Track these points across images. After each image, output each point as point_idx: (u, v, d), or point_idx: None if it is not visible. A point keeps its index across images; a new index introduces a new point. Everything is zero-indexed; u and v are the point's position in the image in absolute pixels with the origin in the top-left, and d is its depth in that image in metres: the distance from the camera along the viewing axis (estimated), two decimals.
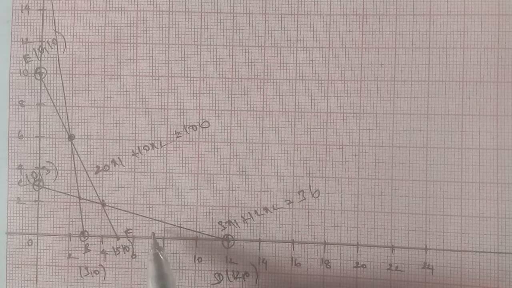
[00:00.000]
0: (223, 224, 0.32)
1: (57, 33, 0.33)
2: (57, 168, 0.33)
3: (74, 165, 0.33)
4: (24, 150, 0.33)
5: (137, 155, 0.33)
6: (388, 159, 0.32)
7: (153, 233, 0.31)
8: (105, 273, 0.32)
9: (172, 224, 0.32)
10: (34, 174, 0.33)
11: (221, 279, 0.32)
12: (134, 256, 0.32)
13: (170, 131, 0.32)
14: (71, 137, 0.33)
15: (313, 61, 0.32)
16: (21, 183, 0.33)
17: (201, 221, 0.32)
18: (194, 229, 0.32)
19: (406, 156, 0.31)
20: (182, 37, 0.32)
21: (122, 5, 0.33)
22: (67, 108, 0.33)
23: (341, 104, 0.32)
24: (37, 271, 0.33)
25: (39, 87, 0.33)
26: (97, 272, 0.33)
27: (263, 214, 0.32)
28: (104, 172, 0.33)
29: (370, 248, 0.32)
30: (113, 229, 0.32)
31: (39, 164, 0.33)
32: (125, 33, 0.33)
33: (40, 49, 0.33)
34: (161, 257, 0.29)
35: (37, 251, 0.33)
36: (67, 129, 0.33)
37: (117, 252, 0.32)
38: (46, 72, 0.33)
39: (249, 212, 0.32)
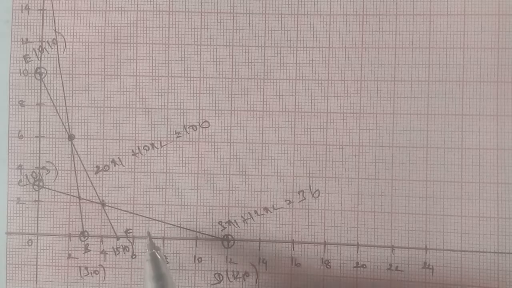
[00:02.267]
0: (223, 224, 0.32)
1: (57, 33, 0.33)
2: (57, 168, 0.33)
3: (74, 165, 0.33)
4: (24, 150, 0.33)
5: (137, 155, 0.33)
6: (388, 159, 0.32)
7: (149, 233, 0.30)
8: (105, 273, 0.32)
9: (172, 224, 0.32)
10: (34, 174, 0.33)
11: (221, 279, 0.32)
12: (134, 256, 0.32)
13: (170, 131, 0.32)
14: (71, 137, 0.33)
15: (313, 61, 0.32)
16: (21, 183, 0.33)
17: (201, 221, 0.32)
18: (194, 229, 0.32)
19: (406, 156, 0.31)
20: (182, 37, 0.32)
21: (122, 5, 0.33)
22: (67, 108, 0.33)
23: (341, 104, 0.32)
24: (37, 271, 0.33)
25: (39, 87, 0.33)
26: (97, 272, 0.33)
27: (263, 214, 0.32)
28: (104, 172, 0.33)
29: (370, 248, 0.32)
30: (113, 229, 0.32)
31: (39, 164, 0.33)
32: (125, 33, 0.33)
33: (40, 49, 0.33)
34: (158, 257, 0.28)
35: (37, 251, 0.33)
36: (67, 129, 0.33)
37: (117, 252, 0.32)
38: (46, 72, 0.33)
39: (249, 212, 0.32)
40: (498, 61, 0.31)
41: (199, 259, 0.32)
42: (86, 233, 0.33)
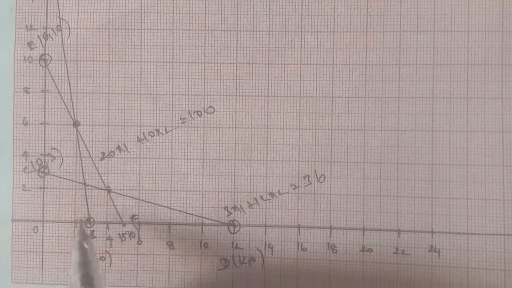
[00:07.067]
0: (229, 209, 0.32)
1: (61, 20, 0.33)
2: (62, 154, 0.33)
3: (79, 151, 0.33)
4: (29, 137, 0.33)
5: (142, 141, 0.32)
6: (394, 142, 0.32)
7: (81, 220, 0.31)
8: (111, 259, 0.32)
9: (178, 210, 0.32)
10: (39, 161, 0.33)
11: (227, 264, 0.32)
12: (140, 242, 0.32)
13: (175, 117, 0.32)
14: (76, 124, 0.33)
15: (317, 46, 0.32)
16: (26, 170, 0.33)
17: (206, 207, 0.32)
18: (200, 215, 0.32)
19: (411, 140, 0.31)
20: (187, 22, 0.32)
21: None
22: (72, 94, 0.33)
23: (346, 88, 0.32)
24: (42, 258, 0.33)
25: (43, 74, 0.33)
26: (103, 259, 0.32)
27: (269, 199, 0.32)
28: (110, 159, 0.33)
29: (376, 232, 0.32)
30: (119, 215, 0.32)
31: (44, 151, 0.33)
32: (129, 19, 0.33)
33: (45, 35, 0.33)
34: (86, 246, 0.28)
35: (42, 238, 0.33)
36: (72, 116, 0.33)
37: (123, 239, 0.32)
38: (51, 58, 0.33)
39: (254, 197, 0.32)
40: (503, 44, 0.31)
41: (205, 245, 0.32)
42: (91, 219, 0.33)
